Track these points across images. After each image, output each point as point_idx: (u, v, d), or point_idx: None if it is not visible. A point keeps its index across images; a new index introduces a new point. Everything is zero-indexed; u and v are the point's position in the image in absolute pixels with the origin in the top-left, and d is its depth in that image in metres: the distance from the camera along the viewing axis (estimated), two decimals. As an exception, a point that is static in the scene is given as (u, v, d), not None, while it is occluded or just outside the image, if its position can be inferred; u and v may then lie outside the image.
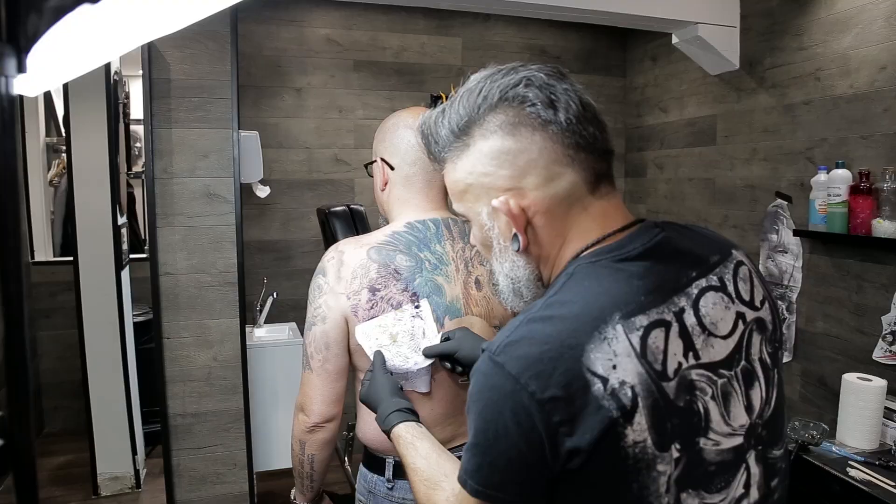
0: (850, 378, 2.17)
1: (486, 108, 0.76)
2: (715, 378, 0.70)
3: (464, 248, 1.30)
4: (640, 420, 0.64)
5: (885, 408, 2.14)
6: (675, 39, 2.97)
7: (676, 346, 0.68)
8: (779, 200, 2.73)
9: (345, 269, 1.22)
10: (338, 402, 1.26)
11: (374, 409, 1.10)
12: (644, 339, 0.67)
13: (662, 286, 0.71)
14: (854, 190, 2.28)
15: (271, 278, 3.22)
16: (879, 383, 2.12)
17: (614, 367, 0.64)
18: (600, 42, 3.82)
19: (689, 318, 0.70)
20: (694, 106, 3.28)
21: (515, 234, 0.77)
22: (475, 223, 0.82)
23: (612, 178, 0.79)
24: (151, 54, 2.08)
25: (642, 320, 0.67)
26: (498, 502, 0.69)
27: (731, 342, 0.73)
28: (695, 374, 0.69)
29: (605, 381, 0.64)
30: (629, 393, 0.64)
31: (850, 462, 2.03)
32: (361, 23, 3.39)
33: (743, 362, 0.74)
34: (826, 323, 2.52)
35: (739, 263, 0.79)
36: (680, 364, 0.68)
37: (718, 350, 0.72)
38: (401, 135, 1.30)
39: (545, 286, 0.82)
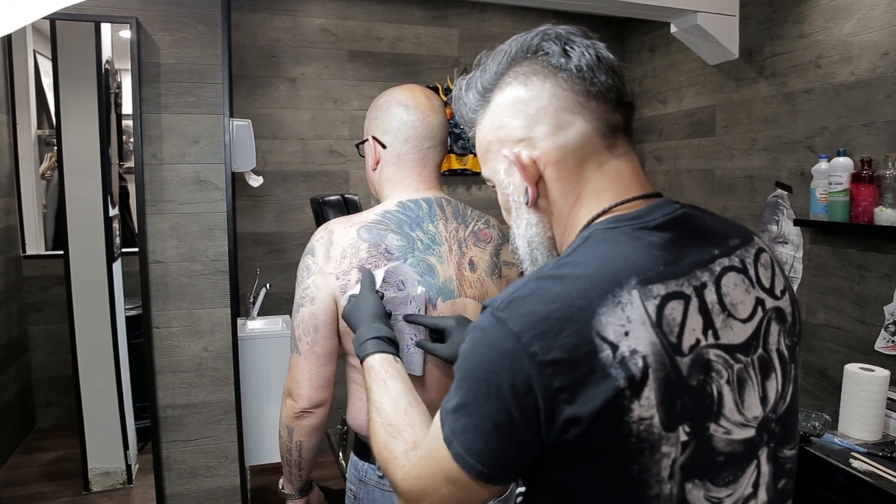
0: (852, 368, 2.13)
1: (505, 64, 0.76)
2: (731, 362, 0.66)
3: (457, 229, 1.26)
4: (650, 395, 0.60)
5: (888, 398, 2.11)
6: (673, 29, 2.94)
7: (696, 321, 0.64)
8: (779, 190, 2.70)
9: (334, 248, 1.19)
10: (327, 387, 1.22)
11: (353, 330, 1.05)
12: (661, 308, 0.62)
13: (683, 259, 0.67)
14: (855, 178, 2.24)
15: (265, 271, 3.18)
16: (882, 373, 2.08)
17: (626, 333, 0.60)
18: (598, 33, 3.67)
19: (710, 296, 0.66)
20: (692, 97, 3.24)
21: (527, 188, 0.74)
22: (497, 186, 0.80)
23: (631, 135, 0.75)
24: (140, 37, 2.04)
25: (660, 289, 0.63)
26: (472, 472, 0.64)
27: (750, 327, 0.69)
28: (712, 354, 0.65)
29: (614, 347, 0.59)
30: (640, 363, 0.60)
31: (853, 453, 2.00)
32: (357, 13, 3.36)
33: (760, 350, 0.70)
34: (827, 314, 2.48)
35: (761, 250, 0.75)
36: (698, 341, 0.64)
37: (737, 333, 0.67)
38: (393, 112, 1.26)
39: (558, 253, 0.78)
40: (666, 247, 0.67)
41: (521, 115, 0.73)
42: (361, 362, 0.98)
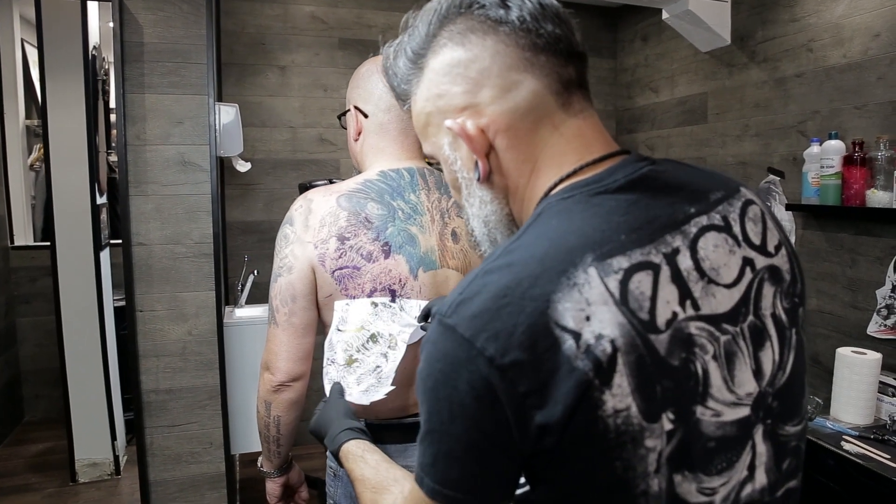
0: (844, 352, 2.11)
1: (436, 24, 0.68)
2: (717, 334, 0.59)
3: (440, 199, 1.24)
4: (621, 381, 0.53)
5: (880, 382, 2.09)
6: (665, 15, 2.92)
7: (669, 292, 0.57)
8: (771, 176, 2.68)
9: (313, 217, 1.17)
10: (305, 360, 1.19)
11: (322, 435, 0.99)
12: (624, 283, 0.55)
13: (651, 222, 0.59)
14: (847, 161, 2.22)
15: (255, 259, 3.15)
16: (874, 356, 2.06)
17: (587, 318, 0.53)
18: (590, 23, 3.76)
19: (685, 262, 0.59)
20: (685, 84, 3.23)
21: (477, 162, 0.67)
22: (443, 163, 0.72)
23: (587, 90, 0.68)
24: (123, 16, 2.01)
25: (621, 262, 0.56)
26: None
27: (737, 293, 0.61)
28: (694, 328, 0.57)
29: (577, 336, 0.53)
30: (608, 348, 0.53)
31: (845, 437, 1.98)
32: (347, 0, 3.33)
33: (750, 317, 0.62)
34: (819, 299, 2.46)
35: (748, 202, 0.66)
36: (675, 314, 0.57)
37: (721, 300, 0.60)
38: (375, 81, 1.24)
39: (518, 229, 0.70)
40: (629, 211, 0.59)
41: (462, 79, 0.65)
42: (336, 456, 0.93)
